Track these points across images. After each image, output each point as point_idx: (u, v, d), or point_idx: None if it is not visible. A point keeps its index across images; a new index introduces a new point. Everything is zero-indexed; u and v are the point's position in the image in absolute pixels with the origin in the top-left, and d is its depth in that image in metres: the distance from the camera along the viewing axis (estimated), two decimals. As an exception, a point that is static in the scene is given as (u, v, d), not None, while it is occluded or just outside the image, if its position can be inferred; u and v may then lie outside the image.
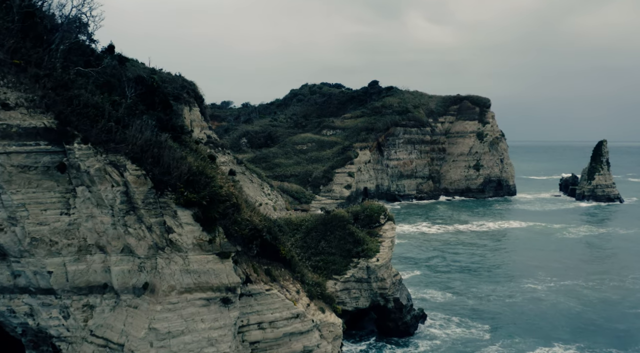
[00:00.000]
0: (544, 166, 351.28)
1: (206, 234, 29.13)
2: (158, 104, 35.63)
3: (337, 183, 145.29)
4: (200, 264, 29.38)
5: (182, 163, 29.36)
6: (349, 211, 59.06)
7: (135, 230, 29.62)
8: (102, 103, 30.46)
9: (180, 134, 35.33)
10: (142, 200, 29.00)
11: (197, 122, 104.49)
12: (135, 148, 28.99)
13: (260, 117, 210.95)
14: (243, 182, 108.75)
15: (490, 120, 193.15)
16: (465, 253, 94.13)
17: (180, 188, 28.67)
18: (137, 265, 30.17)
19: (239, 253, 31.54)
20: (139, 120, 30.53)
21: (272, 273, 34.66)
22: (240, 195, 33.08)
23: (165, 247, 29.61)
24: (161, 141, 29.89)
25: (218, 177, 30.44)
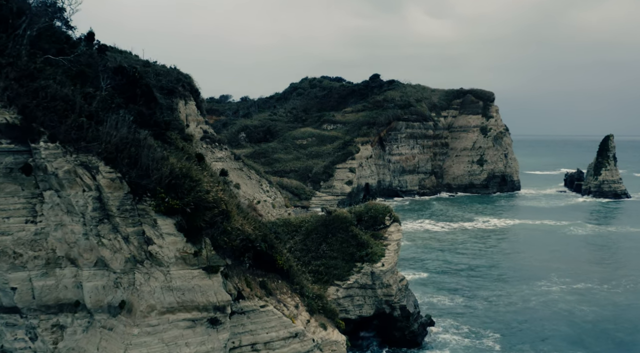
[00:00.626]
0: (546, 161, 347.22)
1: (191, 246, 25.37)
2: (140, 97, 31.82)
3: (338, 179, 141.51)
4: (184, 280, 25.63)
5: (163, 164, 25.58)
6: (351, 211, 55.30)
7: (110, 241, 25.88)
8: (72, 96, 26.66)
9: (165, 130, 31.53)
10: (117, 206, 25.25)
11: (193, 117, 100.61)
12: (110, 147, 25.21)
13: (260, 111, 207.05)
14: (241, 178, 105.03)
15: (494, 114, 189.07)
16: (472, 252, 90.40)
17: (160, 194, 24.90)
18: (113, 281, 26.45)
19: (229, 266, 27.82)
20: (114, 115, 26.73)
21: (267, 286, 30.94)
22: (232, 200, 29.29)
23: (144, 261, 25.89)
24: (139, 139, 26.08)
25: (205, 180, 26.62)
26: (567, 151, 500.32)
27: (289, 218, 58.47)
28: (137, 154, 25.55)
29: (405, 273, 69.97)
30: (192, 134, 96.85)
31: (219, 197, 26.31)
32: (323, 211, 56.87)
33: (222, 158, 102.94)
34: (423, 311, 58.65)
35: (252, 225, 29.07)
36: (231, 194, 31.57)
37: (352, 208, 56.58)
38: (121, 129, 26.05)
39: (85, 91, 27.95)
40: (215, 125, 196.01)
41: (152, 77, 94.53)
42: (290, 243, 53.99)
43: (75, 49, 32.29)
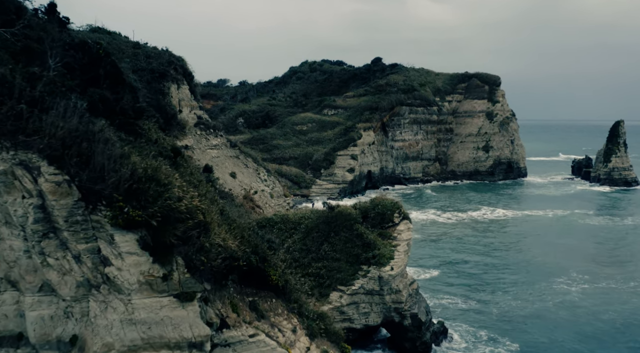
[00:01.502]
0: (549, 147, 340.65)
1: (158, 268, 19.93)
2: (104, 79, 26.23)
3: (339, 167, 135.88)
4: (150, 311, 20.23)
5: (123, 164, 20.08)
6: (356, 207, 49.80)
7: (57, 260, 20.45)
8: (11, 76, 21.11)
9: (135, 119, 25.98)
10: (64, 218, 19.80)
11: (186, 102, 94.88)
12: (54, 142, 19.70)
13: (258, 96, 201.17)
14: (237, 166, 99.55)
15: (500, 99, 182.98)
16: (483, 246, 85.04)
17: (118, 202, 19.43)
18: (62, 310, 21.06)
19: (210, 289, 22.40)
20: (64, 101, 21.18)
21: (259, 307, 25.55)
22: (213, 207, 23.71)
23: (100, 286, 20.50)
24: (93, 131, 20.53)
25: (177, 183, 21.07)
26: (570, 137, 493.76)
27: (287, 214, 52.96)
28: (90, 150, 20.06)
29: (412, 271, 64.77)
30: (185, 120, 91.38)
31: (194, 205, 20.80)
32: (324, 206, 51.45)
33: (217, 145, 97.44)
34: (434, 315, 53.47)
35: (238, 238, 23.52)
36: (214, 198, 25.98)
37: (357, 203, 51.01)
38: (71, 118, 20.52)
39: (29, 71, 22.36)
40: (212, 111, 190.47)
41: (142, 59, 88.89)
42: (288, 243, 48.69)
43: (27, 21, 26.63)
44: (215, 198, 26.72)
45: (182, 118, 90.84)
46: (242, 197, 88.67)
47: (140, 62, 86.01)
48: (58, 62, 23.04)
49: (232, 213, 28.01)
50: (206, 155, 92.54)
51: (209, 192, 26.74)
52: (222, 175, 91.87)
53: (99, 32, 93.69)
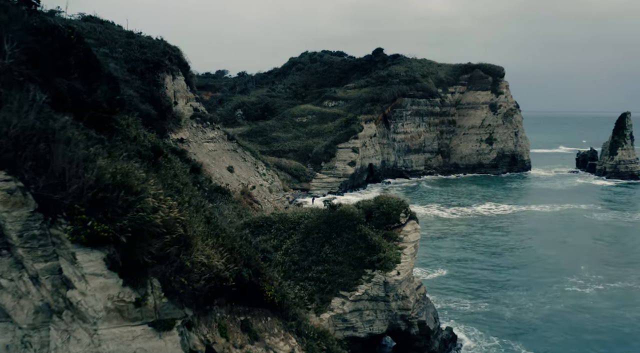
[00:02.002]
0: (550, 139, 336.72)
1: (130, 292, 16.73)
2: (75, 68, 22.95)
3: (340, 160, 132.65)
4: (120, 343, 17.05)
5: (87, 168, 16.86)
6: (359, 206, 46.58)
7: (12, 281, 17.27)
8: (-44, 65, 17.89)
9: (110, 114, 22.72)
10: (18, 232, 16.61)
11: (182, 93, 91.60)
12: (6, 142, 16.48)
13: (257, 87, 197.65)
14: (235, 160, 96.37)
15: (504, 90, 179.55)
16: (490, 244, 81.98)
17: (80, 215, 16.22)
18: (20, 339, 17.90)
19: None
20: (19, 93, 17.94)
21: (251, 327, 22.43)
22: (196, 217, 20.44)
23: (62, 311, 17.35)
24: (53, 129, 17.30)
25: (152, 190, 17.79)
26: (572, 129, 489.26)
27: (286, 213, 49.70)
28: (49, 152, 16.84)
29: (418, 271, 61.76)
30: (180, 112, 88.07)
31: (173, 217, 17.57)
32: (325, 205, 48.26)
33: (214, 138, 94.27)
34: (442, 318, 50.52)
35: (226, 253, 20.25)
36: (200, 205, 22.73)
37: (360, 202, 47.78)
38: (27, 114, 17.29)
39: (-19, 58, 19.10)
40: (210, 102, 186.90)
41: (136, 49, 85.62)
42: (286, 244, 45.55)
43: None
44: (203, 204, 23.46)
45: (178, 110, 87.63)
46: (240, 192, 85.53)
47: (133, 52, 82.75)
48: (16, 47, 19.77)
49: (222, 221, 24.73)
50: (202, 149, 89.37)
51: (195, 197, 23.50)
52: (218, 170, 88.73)
53: (91, 21, 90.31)
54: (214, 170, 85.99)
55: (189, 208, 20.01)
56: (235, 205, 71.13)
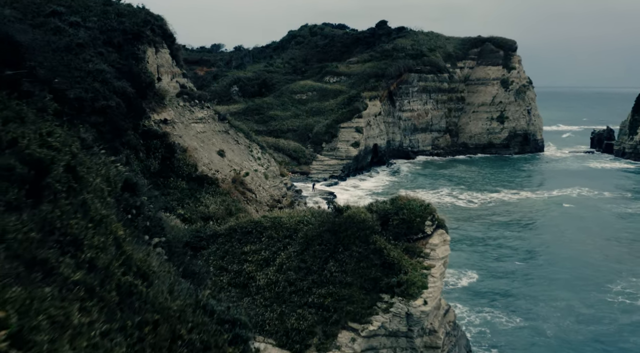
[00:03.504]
0: (557, 115, 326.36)
1: None
2: None
3: (342, 140, 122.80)
4: None
5: None
6: (372, 210, 36.92)
7: None
8: None
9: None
10: None
11: (167, 68, 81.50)
12: None
13: (254, 62, 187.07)
14: (226, 143, 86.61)
15: (516, 65, 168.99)
16: (514, 239, 72.69)
17: None
18: None
19: None
20: None
21: None
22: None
23: None
24: None
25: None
26: (577, 105, 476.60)
27: (280, 216, 39.89)
28: None
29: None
30: (165, 90, 78.05)
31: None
32: (329, 207, 38.71)
33: (203, 118, 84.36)
34: (474, 337, 41.37)
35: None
36: (126, 256, 12.93)
37: (372, 204, 38.03)
38: None
39: None
40: (204, 78, 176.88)
41: (112, 18, 75.25)
42: (280, 258, 36.06)
43: None
44: (129, 255, 13.75)
45: (161, 87, 77.59)
46: (231, 180, 76.01)
47: (110, 22, 72.57)
48: None
49: (165, 281, 14.97)
50: (190, 131, 79.59)
51: (118, 238, 13.85)
52: (208, 154, 79.07)
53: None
54: (202, 155, 76.38)
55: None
56: (224, 198, 61.69)
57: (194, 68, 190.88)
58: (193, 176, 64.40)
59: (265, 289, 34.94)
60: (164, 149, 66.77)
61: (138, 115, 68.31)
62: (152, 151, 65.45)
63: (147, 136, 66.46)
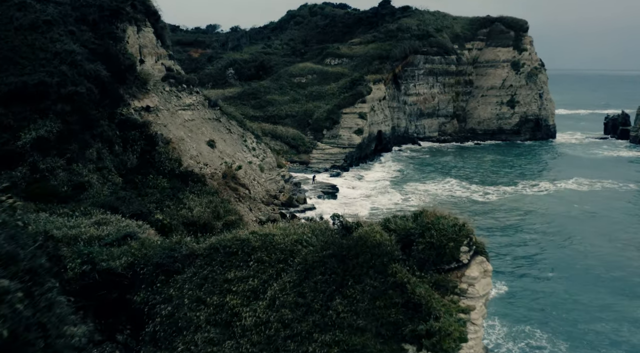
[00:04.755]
0: (564, 98, 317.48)
1: None
2: None
3: (344, 127, 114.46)
4: None
5: None
6: (389, 227, 28.75)
7: None
8: None
9: None
10: None
11: (151, 49, 73.29)
12: None
13: (251, 44, 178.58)
14: (217, 132, 78.46)
15: (527, 46, 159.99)
16: (547, 240, 64.80)
17: None
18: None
19: None
20: None
21: None
22: None
23: None
24: None
25: None
26: (583, 88, 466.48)
27: (273, 233, 31.67)
28: None
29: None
30: (148, 73, 70.22)
31: None
32: (335, 223, 30.59)
33: (191, 105, 76.22)
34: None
35: None
36: None
37: (390, 220, 29.79)
38: None
39: None
40: (199, 60, 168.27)
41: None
42: (272, 289, 28.04)
43: None
44: None
45: (144, 70, 69.45)
46: (222, 174, 67.87)
47: (83, -2, 64.83)
48: None
49: None
50: (176, 119, 71.38)
51: None
52: (196, 145, 70.90)
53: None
54: (190, 146, 68.28)
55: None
56: (211, 199, 53.59)
57: (188, 50, 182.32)
58: (176, 172, 56.34)
59: (253, 331, 26.95)
60: (144, 141, 58.75)
61: (114, 103, 60.22)
62: (129, 144, 57.47)
63: (124, 126, 58.40)
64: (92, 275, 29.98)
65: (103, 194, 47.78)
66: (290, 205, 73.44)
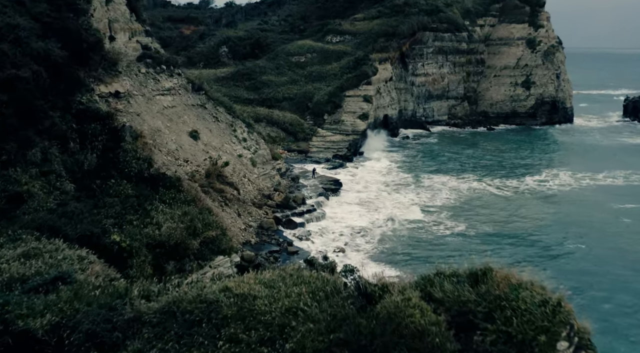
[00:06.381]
0: (574, 79, 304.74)
1: None
2: None
3: (348, 112, 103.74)
4: None
5: None
6: (433, 296, 18.49)
7: None
8: None
9: None
10: None
11: (123, 24, 62.43)
12: None
13: (247, 20, 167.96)
14: (202, 121, 67.75)
15: (544, 22, 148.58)
16: (579, 245, 54.93)
17: None
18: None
19: None
20: None
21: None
22: None
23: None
24: None
25: None
26: (590, 67, 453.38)
27: (254, 294, 21.18)
28: None
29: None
30: (119, 52, 59.46)
31: None
32: (350, 283, 20.25)
33: (172, 89, 65.41)
34: None
35: None
36: None
37: (434, 281, 19.22)
38: None
39: None
40: (191, 37, 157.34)
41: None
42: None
43: None
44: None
45: (115, 49, 58.70)
46: (205, 173, 57.34)
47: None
48: None
49: None
50: (153, 106, 60.58)
51: None
52: (176, 137, 60.19)
53: None
54: (168, 139, 57.72)
55: None
56: (187, 210, 43.04)
57: (180, 27, 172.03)
58: (145, 175, 45.67)
59: None
60: (107, 136, 48.19)
61: (72, 89, 49.39)
62: (88, 139, 46.91)
63: (83, 118, 47.60)
64: (3, 340, 19.91)
65: (47, 207, 37.44)
66: (286, 206, 63.10)
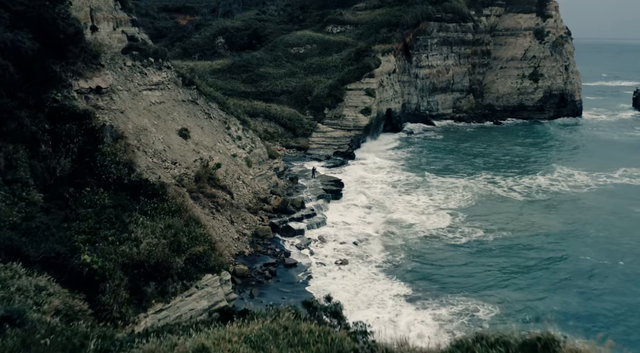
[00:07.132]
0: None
1: None
2: None
3: (349, 106, 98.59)
4: None
5: None
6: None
7: None
8: None
9: None
10: None
11: (106, 13, 57.16)
12: None
13: (244, 9, 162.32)
14: (194, 118, 62.72)
15: (552, 12, 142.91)
16: (599, 251, 50.04)
17: None
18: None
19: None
20: None
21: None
22: None
23: None
24: None
25: None
26: (594, 58, 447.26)
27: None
28: None
29: None
30: (102, 44, 54.23)
31: None
32: (361, 350, 15.48)
33: (160, 83, 60.26)
34: None
35: None
36: None
37: None
38: None
39: None
40: (186, 28, 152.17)
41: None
42: None
43: None
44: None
45: (98, 40, 53.61)
46: (195, 176, 52.53)
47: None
48: None
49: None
50: (139, 102, 55.59)
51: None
52: (164, 136, 55.26)
53: None
54: (155, 138, 52.75)
55: None
56: (171, 222, 38.13)
57: (175, 17, 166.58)
58: (125, 182, 40.68)
59: None
60: (84, 137, 43.07)
61: (45, 85, 44.15)
62: (62, 142, 41.75)
63: (56, 117, 42.34)
64: None
65: (9, 222, 32.49)
66: (284, 211, 58.21)
